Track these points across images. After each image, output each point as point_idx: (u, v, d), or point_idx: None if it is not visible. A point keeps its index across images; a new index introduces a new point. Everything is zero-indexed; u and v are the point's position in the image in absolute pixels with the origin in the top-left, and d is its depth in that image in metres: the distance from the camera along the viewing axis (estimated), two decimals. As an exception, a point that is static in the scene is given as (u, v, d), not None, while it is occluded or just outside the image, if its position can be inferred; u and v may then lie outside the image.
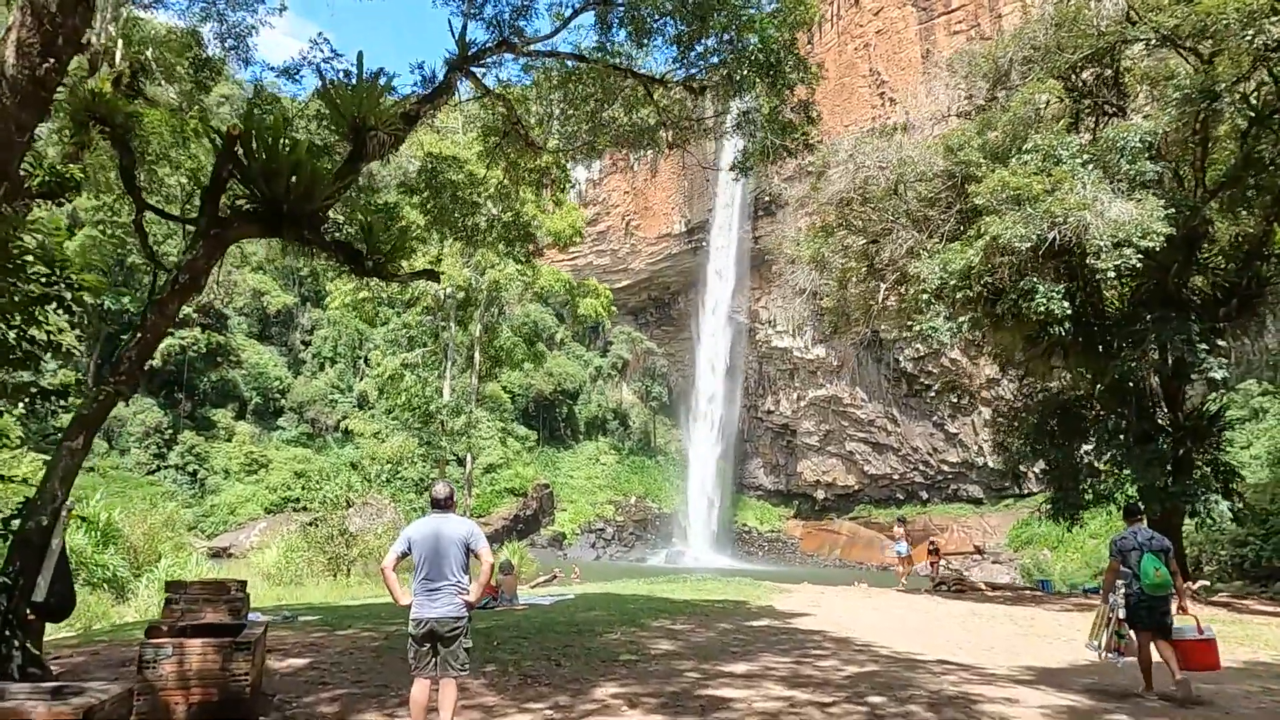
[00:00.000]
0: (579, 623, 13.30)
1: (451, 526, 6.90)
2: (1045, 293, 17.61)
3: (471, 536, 6.90)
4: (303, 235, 7.51)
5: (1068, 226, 16.82)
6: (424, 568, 6.79)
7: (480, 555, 6.89)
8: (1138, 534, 9.35)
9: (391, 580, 6.93)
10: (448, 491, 7.13)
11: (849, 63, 69.56)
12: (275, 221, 7.27)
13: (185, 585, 9.33)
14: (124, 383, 7.06)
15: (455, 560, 6.81)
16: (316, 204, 7.30)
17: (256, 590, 28.21)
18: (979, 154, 19.54)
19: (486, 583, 7.17)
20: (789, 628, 13.44)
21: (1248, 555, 33.41)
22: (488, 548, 7.03)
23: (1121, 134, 18.39)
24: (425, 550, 6.79)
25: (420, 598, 6.77)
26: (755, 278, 79.41)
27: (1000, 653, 11.78)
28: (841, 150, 22.25)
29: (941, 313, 19.39)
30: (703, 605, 16.37)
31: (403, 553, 6.88)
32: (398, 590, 6.94)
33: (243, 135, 6.97)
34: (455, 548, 6.81)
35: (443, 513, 7.02)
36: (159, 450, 66.97)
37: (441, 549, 6.78)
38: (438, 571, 6.75)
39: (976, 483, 68.30)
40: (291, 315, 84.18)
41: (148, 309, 7.17)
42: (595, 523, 73.96)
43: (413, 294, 28.26)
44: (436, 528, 6.87)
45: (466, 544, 6.86)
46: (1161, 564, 9.00)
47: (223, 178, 7.22)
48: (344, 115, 7.61)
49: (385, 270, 8.02)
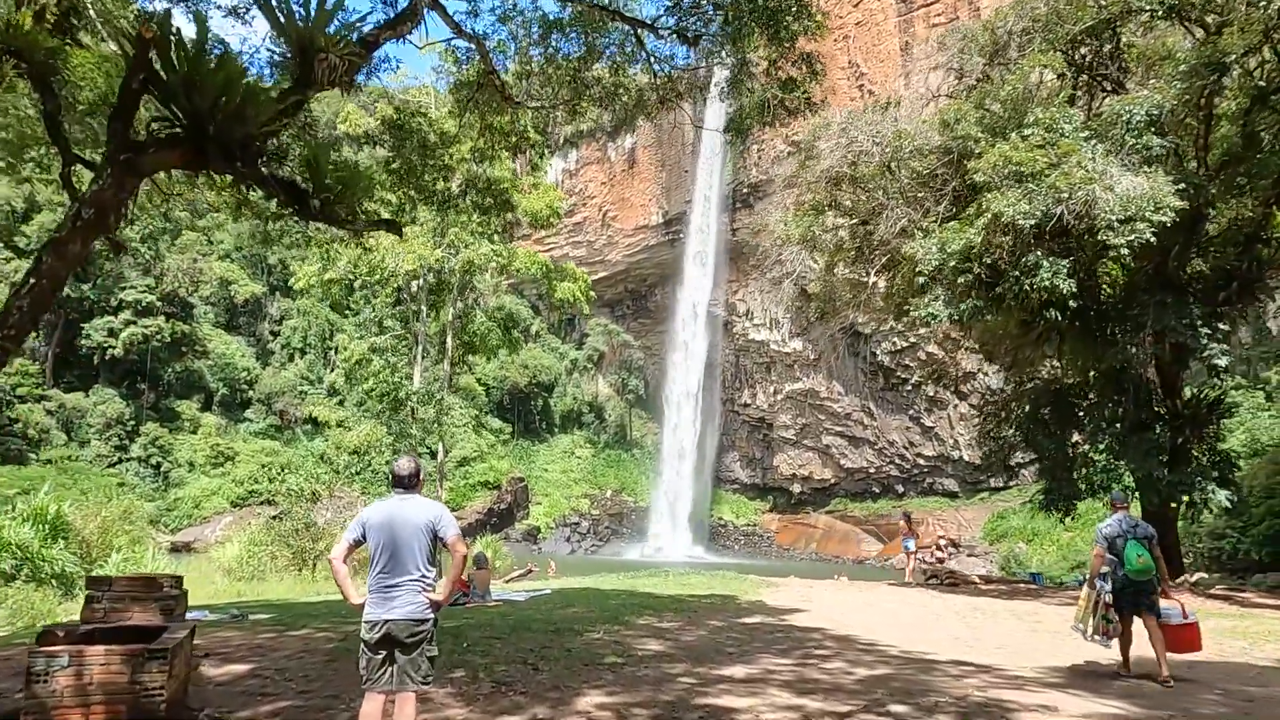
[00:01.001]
0: (557, 620, 12.22)
1: (415, 510, 5.78)
2: (1050, 268, 16.68)
3: (439, 522, 5.76)
4: (235, 167, 6.35)
5: (1075, 201, 15.89)
6: (381, 559, 5.69)
7: (450, 544, 5.75)
8: (1122, 521, 9.67)
9: (341, 574, 5.76)
10: (412, 467, 5.97)
11: (828, 54, 68.41)
12: (200, 147, 6.11)
13: (110, 581, 8.20)
14: (12, 339, 5.88)
15: (419, 550, 5.70)
16: (251, 129, 6.18)
17: (216, 586, 26.89)
18: (977, 129, 18.62)
19: (458, 577, 6.05)
20: (784, 625, 12.46)
21: (1224, 547, 33.03)
22: (460, 535, 5.85)
23: (1126, 107, 17.53)
24: (383, 538, 5.68)
25: (376, 595, 5.66)
26: (733, 270, 78.84)
27: (1015, 652, 10.88)
28: (834, 124, 21.26)
29: (940, 296, 18.41)
30: (689, 601, 15.32)
31: (356, 540, 5.77)
32: (349, 586, 5.77)
33: (158, 40, 5.82)
34: (420, 535, 5.70)
35: (406, 493, 5.90)
36: (120, 442, 65.05)
37: (403, 537, 5.67)
38: (398, 564, 5.66)
39: (952, 476, 68.27)
40: (260, 305, 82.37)
41: (43, 251, 5.99)
42: (570, 517, 73.15)
43: (382, 274, 26.84)
44: (397, 511, 5.76)
45: (433, 530, 5.74)
46: (1145, 550, 9.39)
47: (134, 90, 6.05)
48: (288, 32, 6.49)
49: (335, 214, 6.88)
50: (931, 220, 19.14)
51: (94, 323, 66.52)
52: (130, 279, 68.09)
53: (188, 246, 77.72)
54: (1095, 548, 9.80)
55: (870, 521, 69.29)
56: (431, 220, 27.24)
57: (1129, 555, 9.36)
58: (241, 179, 6.58)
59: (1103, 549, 9.63)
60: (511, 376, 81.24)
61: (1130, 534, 9.50)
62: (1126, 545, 9.40)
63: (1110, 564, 9.54)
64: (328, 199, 6.67)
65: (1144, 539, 9.47)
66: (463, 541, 5.87)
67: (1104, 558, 9.63)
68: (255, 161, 6.40)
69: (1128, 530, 9.54)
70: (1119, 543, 9.49)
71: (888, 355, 69.43)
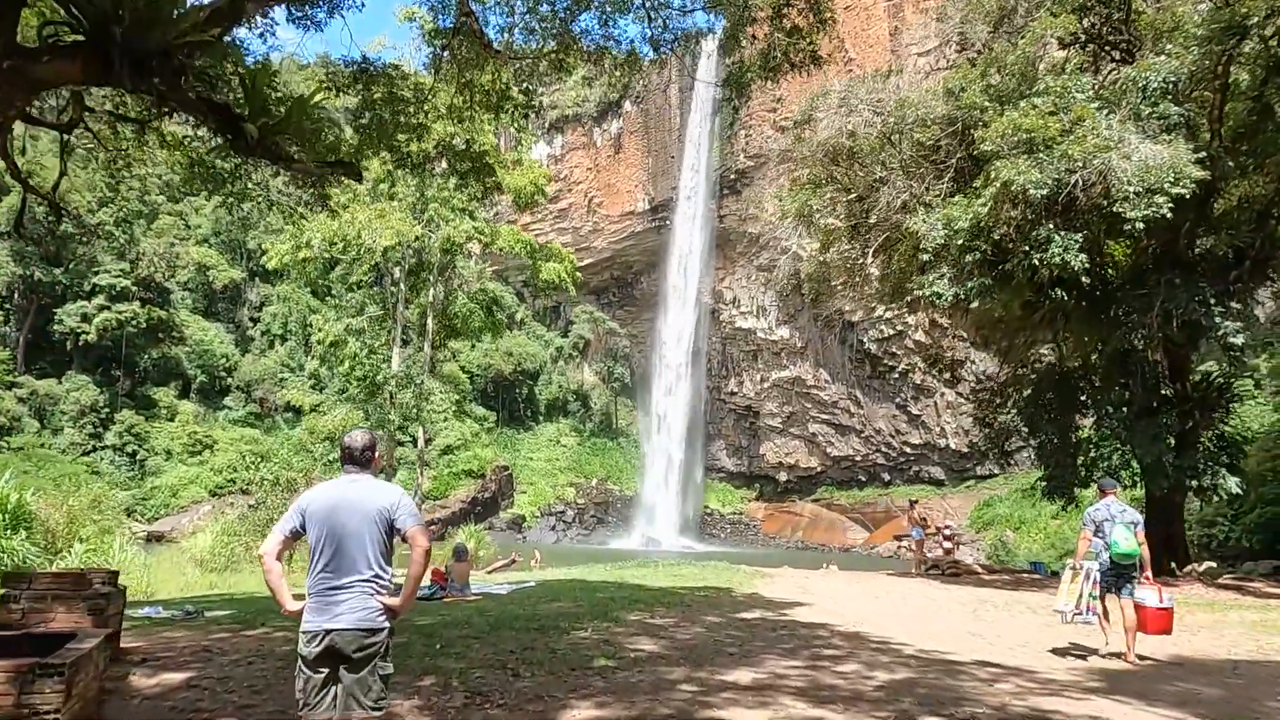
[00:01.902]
0: (542, 616, 11.24)
1: (367, 494, 4.73)
2: (1061, 242, 15.76)
3: (396, 509, 4.71)
4: (151, 84, 5.31)
5: (1090, 170, 14.95)
6: (324, 554, 4.62)
7: (410, 536, 4.70)
8: (1110, 506, 10.00)
9: (274, 574, 4.67)
10: (366, 440, 4.94)
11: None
12: (105, 56, 5.07)
13: (29, 578, 7.20)
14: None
15: (371, 544, 4.65)
16: (168, 38, 5.15)
17: (187, 578, 25.74)
18: (983, 97, 17.64)
19: (419, 577, 4.81)
20: (787, 620, 11.54)
21: (1215, 535, 32.53)
22: (422, 525, 4.85)
23: (1142, 73, 16.58)
24: (326, 528, 4.62)
25: (316, 600, 4.60)
26: (720, 257, 78.05)
27: (1040, 650, 10.03)
28: (832, 94, 20.25)
29: (945, 274, 17.43)
30: (682, 594, 14.35)
31: (293, 531, 4.72)
32: (283, 589, 4.68)
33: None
34: (371, 525, 4.64)
35: (358, 473, 4.86)
36: (95, 430, 63.58)
37: (350, 527, 4.62)
38: (344, 561, 4.60)
39: (939, 464, 68.12)
40: (239, 290, 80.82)
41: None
42: (555, 505, 72.42)
43: (358, 250, 25.54)
44: (344, 496, 4.72)
45: (389, 520, 4.69)
46: (1131, 534, 9.69)
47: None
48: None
49: (278, 148, 5.86)
50: (934, 195, 18.18)
51: (66, 308, 64.88)
52: (104, 263, 66.41)
53: (164, 230, 76.04)
54: (1083, 531, 10.19)
55: (856, 510, 69.11)
56: (410, 196, 26.14)
57: (1116, 539, 9.67)
58: (162, 100, 5.54)
59: (1089, 532, 10.00)
60: (496, 364, 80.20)
61: (1118, 518, 9.81)
62: (1114, 529, 9.71)
63: (1097, 547, 9.92)
64: (267, 126, 5.62)
65: (1130, 523, 9.77)
66: (425, 533, 4.81)
67: (1090, 540, 10.01)
68: (176, 80, 5.34)
69: (1115, 514, 9.85)
70: (1106, 527, 9.82)
71: (875, 343, 69.00)
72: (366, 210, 25.24)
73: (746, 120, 73.36)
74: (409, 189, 26.16)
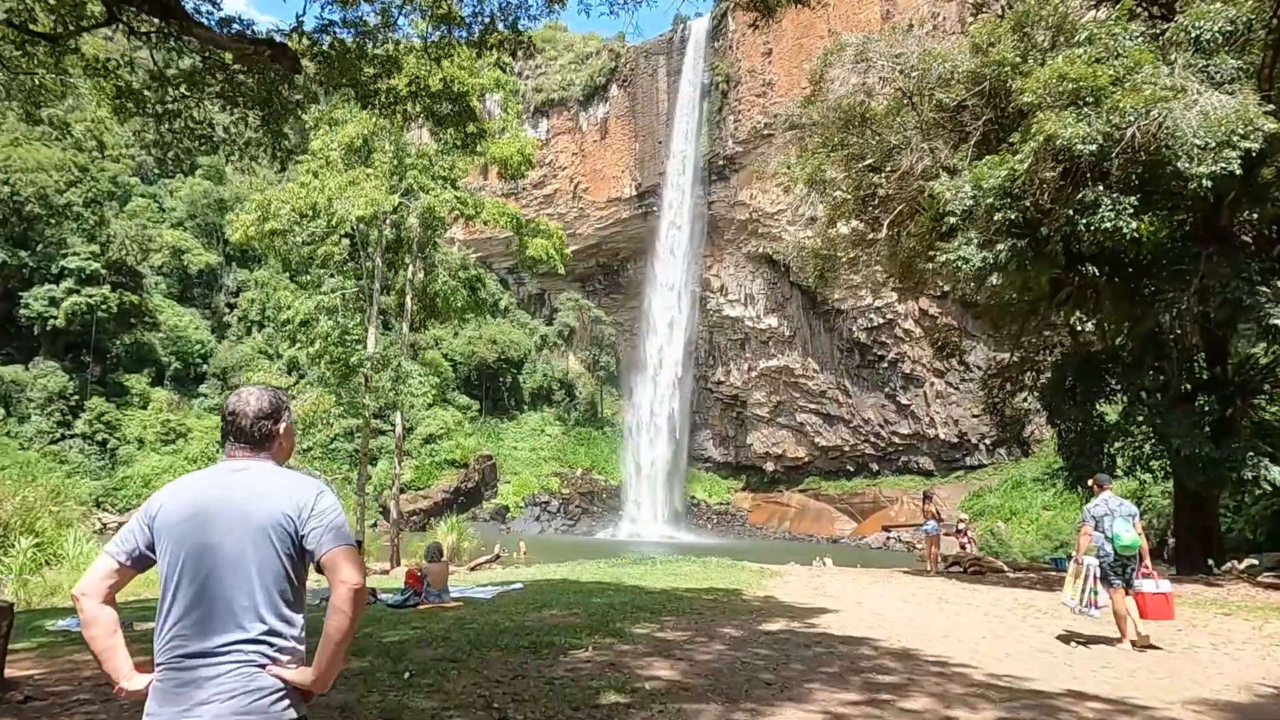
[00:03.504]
0: (533, 630, 9.59)
1: (257, 493, 2.88)
2: (1113, 205, 14.21)
3: (307, 518, 2.86)
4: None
5: (1150, 122, 13.40)
6: (179, 598, 2.79)
7: (330, 564, 2.85)
8: (1108, 501, 10.34)
9: (97, 627, 2.82)
10: (264, 404, 3.06)
11: (807, 23, 66.94)
12: None
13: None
14: None
15: (262, 578, 2.81)
16: None
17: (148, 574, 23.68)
18: (1015, 51, 16.03)
19: (346, 634, 2.83)
20: (819, 633, 9.93)
21: None
22: (350, 547, 2.90)
23: (1195, 22, 15.01)
24: (185, 552, 2.80)
25: (166, 677, 2.75)
26: (708, 244, 76.73)
27: (1135, 673, 8.40)
28: (848, 48, 18.54)
29: (973, 239, 15.83)
30: (688, 597, 12.69)
31: (130, 558, 2.89)
32: (115, 652, 2.83)
33: None
34: (263, 546, 2.81)
35: (246, 456, 3.02)
36: (63, 418, 61.48)
37: (226, 549, 2.79)
38: (213, 608, 2.77)
39: (928, 454, 67.41)
40: (215, 275, 78.69)
41: None
42: (540, 496, 71.20)
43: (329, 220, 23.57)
44: (216, 497, 2.87)
45: (294, 537, 2.86)
46: (1131, 526, 10.08)
47: None
48: None
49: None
50: (960, 158, 16.59)
51: (34, 291, 62.62)
52: (73, 245, 64.06)
53: (137, 212, 73.69)
54: (1083, 526, 10.48)
55: (844, 500, 68.46)
56: (387, 164, 24.28)
57: (1117, 533, 10.02)
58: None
59: (1090, 527, 10.31)
60: (479, 352, 78.62)
61: (1117, 512, 10.18)
62: (1114, 523, 10.08)
63: (1098, 541, 10.24)
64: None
65: (1128, 516, 10.17)
66: (355, 561, 2.90)
67: (1091, 535, 10.30)
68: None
69: (1114, 509, 10.22)
70: (1106, 521, 10.18)
71: (864, 332, 68.11)
72: (338, 177, 23.41)
73: (736, 105, 71.94)
74: (385, 156, 24.35)
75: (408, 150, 25.33)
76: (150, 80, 8.05)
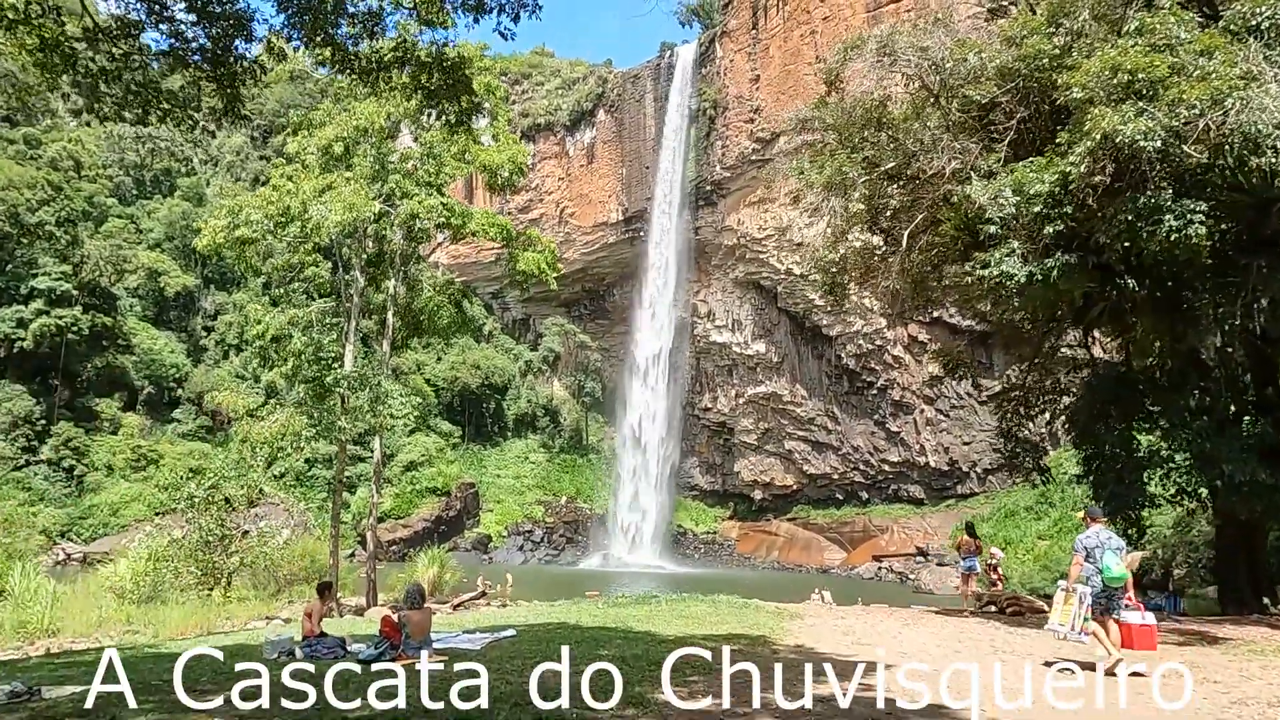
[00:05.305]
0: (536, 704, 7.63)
1: None
2: (1180, 211, 13.14)
3: None
4: None
5: (1224, 113, 12.19)
6: None
7: None
8: (1099, 534, 10.95)
9: None
10: None
11: (794, 49, 66.96)
12: None
13: None
14: None
15: None
16: None
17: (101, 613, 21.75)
18: (1052, 44, 14.92)
19: None
20: (898, 708, 8.26)
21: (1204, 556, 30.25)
22: None
23: (1256, 9, 13.94)
24: None
25: None
26: (695, 270, 75.99)
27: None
28: (869, 42, 17.40)
29: (1016, 250, 14.59)
30: (710, 646, 10.38)
31: None
32: None
33: None
34: None
35: None
36: (29, 443, 59.41)
37: None
38: None
39: (918, 482, 66.62)
40: (193, 298, 76.92)
41: None
42: (523, 524, 69.85)
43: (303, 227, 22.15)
44: None
45: None
46: (1119, 560, 10.71)
47: None
48: None
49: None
50: (994, 161, 15.45)
51: (1, 311, 60.68)
52: (44, 265, 62.31)
53: (113, 233, 71.96)
54: (1075, 557, 11.04)
55: (833, 529, 67.55)
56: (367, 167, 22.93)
57: (1107, 564, 10.59)
58: None
59: (1081, 558, 10.83)
60: (462, 377, 77.22)
61: (1107, 545, 10.76)
62: (1104, 555, 10.63)
63: (1089, 572, 10.69)
64: None
65: (1118, 549, 10.81)
66: None
67: (1082, 565, 10.77)
68: None
69: (1104, 541, 10.80)
70: (1096, 553, 10.71)
71: (853, 358, 67.39)
72: (313, 180, 22.12)
73: (723, 130, 71.51)
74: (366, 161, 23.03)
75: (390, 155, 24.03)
76: (83, 34, 6.95)
